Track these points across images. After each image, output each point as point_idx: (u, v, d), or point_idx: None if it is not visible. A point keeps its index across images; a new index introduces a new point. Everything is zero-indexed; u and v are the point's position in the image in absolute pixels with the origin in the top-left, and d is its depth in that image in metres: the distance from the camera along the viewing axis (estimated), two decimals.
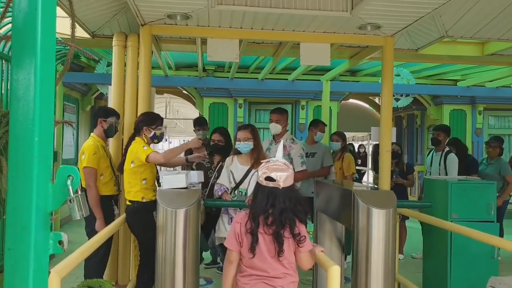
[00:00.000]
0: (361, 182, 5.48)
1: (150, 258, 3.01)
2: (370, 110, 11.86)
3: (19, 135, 0.73)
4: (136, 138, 3.22)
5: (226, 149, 3.99)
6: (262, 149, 3.36)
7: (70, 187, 0.70)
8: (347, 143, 8.71)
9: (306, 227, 2.08)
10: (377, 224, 2.40)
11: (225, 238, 2.60)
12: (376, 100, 11.15)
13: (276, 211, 1.96)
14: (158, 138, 3.32)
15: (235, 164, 3.31)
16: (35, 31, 0.77)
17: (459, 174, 4.92)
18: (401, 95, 7.20)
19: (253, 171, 3.19)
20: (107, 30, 4.18)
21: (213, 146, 4.06)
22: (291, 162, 3.79)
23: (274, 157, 2.11)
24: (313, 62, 4.38)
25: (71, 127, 3.13)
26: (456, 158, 4.90)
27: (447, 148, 5.01)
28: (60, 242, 0.72)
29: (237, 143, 3.27)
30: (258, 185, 2.05)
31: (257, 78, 7.37)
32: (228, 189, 3.29)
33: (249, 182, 3.19)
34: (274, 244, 1.96)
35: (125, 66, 3.99)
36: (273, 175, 1.99)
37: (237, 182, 3.26)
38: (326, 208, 3.21)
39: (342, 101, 9.28)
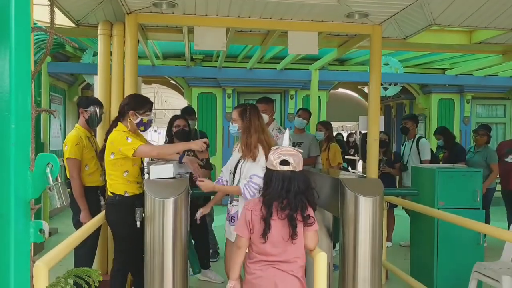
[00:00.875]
0: (349, 171, 5.51)
1: (125, 261, 2.92)
2: (359, 99, 11.91)
3: None
4: (119, 124, 2.85)
5: (189, 135, 3.99)
6: (256, 134, 2.70)
7: (50, 175, 0.69)
8: (337, 132, 8.81)
9: (314, 210, 2.10)
10: (364, 212, 2.42)
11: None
12: (365, 89, 11.19)
13: (291, 195, 1.99)
14: (145, 126, 2.90)
15: (235, 150, 2.88)
16: (8, 16, 0.74)
17: (447, 162, 5.00)
18: (390, 84, 7.23)
19: (242, 160, 2.71)
20: (92, 18, 4.09)
21: (177, 132, 3.96)
22: None
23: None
24: (301, 51, 4.36)
25: (53, 116, 3.05)
26: (428, 143, 5.20)
27: (418, 135, 5.24)
28: (41, 231, 0.71)
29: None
30: (270, 171, 2.05)
31: (246, 68, 7.32)
32: (227, 182, 2.86)
33: (239, 173, 2.73)
34: (288, 228, 1.99)
35: (111, 55, 3.93)
36: (288, 158, 2.01)
37: (231, 171, 2.85)
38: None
39: (331, 91, 9.29)
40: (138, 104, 2.89)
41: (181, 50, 6.75)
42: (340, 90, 11.24)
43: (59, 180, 0.73)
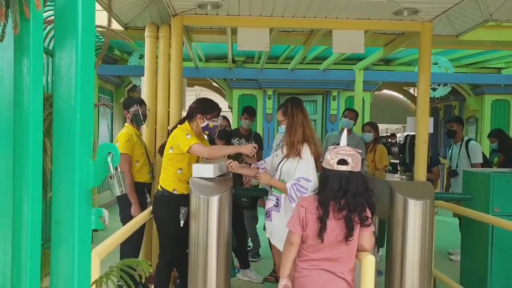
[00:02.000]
0: (395, 173, 5.30)
1: (169, 256, 2.96)
2: (404, 101, 11.51)
3: (61, 113, 0.74)
4: (185, 123, 2.97)
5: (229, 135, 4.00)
6: (301, 129, 2.63)
7: (111, 164, 0.70)
8: (382, 135, 8.56)
9: (373, 212, 2.05)
10: (414, 215, 2.31)
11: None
12: (411, 90, 10.80)
13: (350, 196, 1.95)
14: (210, 130, 2.98)
15: (279, 150, 2.86)
16: (76, 11, 0.77)
17: (502, 167, 4.70)
18: (438, 85, 6.91)
19: (284, 159, 2.70)
20: (139, 21, 4.23)
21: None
22: None
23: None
24: (346, 50, 4.27)
25: (109, 108, 3.18)
26: (479, 145, 4.83)
27: (466, 137, 4.93)
28: (102, 218, 0.73)
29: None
30: (327, 171, 2.02)
31: (287, 69, 7.29)
32: (265, 169, 2.84)
33: (279, 172, 2.71)
34: (343, 228, 1.95)
35: (157, 58, 4.04)
36: (346, 158, 1.97)
37: (275, 168, 2.79)
38: None
39: (375, 92, 9.05)
40: (207, 108, 2.98)
41: (223, 52, 6.83)
42: (385, 91, 10.93)
43: (119, 169, 0.75)
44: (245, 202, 4.44)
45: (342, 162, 1.97)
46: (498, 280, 3.34)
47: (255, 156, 2.98)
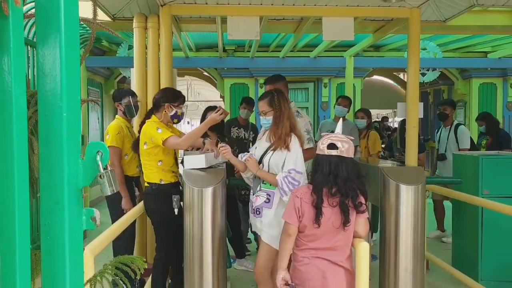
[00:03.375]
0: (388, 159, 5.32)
1: (166, 249, 2.95)
2: (394, 86, 11.54)
3: (47, 112, 0.73)
4: (152, 116, 2.96)
5: (221, 126, 3.83)
6: (288, 121, 2.51)
7: (100, 163, 0.70)
8: (374, 121, 8.58)
9: (366, 199, 2.08)
10: (406, 200, 2.34)
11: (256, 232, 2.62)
12: (401, 76, 10.83)
13: (340, 181, 1.97)
14: (178, 118, 2.99)
15: (263, 139, 2.67)
16: (58, 4, 0.75)
17: (490, 149, 4.76)
18: (427, 70, 6.94)
19: (270, 151, 2.52)
20: (127, 12, 4.16)
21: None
22: None
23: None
24: (336, 37, 4.26)
25: (97, 103, 3.14)
26: (467, 130, 4.86)
27: (456, 122, 4.94)
28: (93, 218, 0.73)
29: (260, 117, 2.64)
30: (318, 156, 2.05)
31: (278, 57, 7.25)
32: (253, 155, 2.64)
33: (267, 165, 2.54)
34: (339, 215, 1.98)
35: (146, 48, 3.99)
36: (336, 143, 2.00)
37: (258, 160, 2.61)
38: None
39: (366, 78, 9.06)
40: (173, 96, 2.98)
41: (213, 41, 6.77)
42: (375, 77, 10.95)
43: (109, 168, 0.75)
44: (245, 195, 4.28)
45: (332, 146, 2.00)
46: (489, 260, 3.41)
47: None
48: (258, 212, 2.55)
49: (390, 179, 2.37)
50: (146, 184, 2.99)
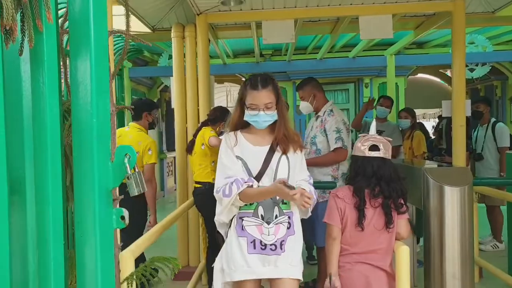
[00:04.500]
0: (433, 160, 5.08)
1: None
2: (441, 84, 11.05)
3: (79, 118, 0.77)
4: (209, 125, 3.39)
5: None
6: (288, 116, 2.02)
7: (128, 165, 0.73)
8: (419, 121, 8.26)
9: (406, 200, 2.03)
10: (451, 203, 2.22)
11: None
12: (448, 73, 10.34)
13: (384, 182, 1.95)
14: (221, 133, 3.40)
15: (244, 145, 1.94)
16: (88, 22, 0.80)
17: None
18: (476, 65, 6.57)
19: (277, 153, 1.91)
20: (166, 23, 4.31)
21: None
22: (326, 138, 3.08)
23: None
24: (374, 35, 4.14)
25: (130, 111, 3.27)
26: (506, 127, 4.51)
27: (493, 119, 4.61)
28: (122, 218, 0.76)
29: (250, 113, 1.90)
30: (358, 158, 2.02)
31: (316, 58, 7.18)
32: (251, 182, 1.88)
33: (275, 172, 1.89)
34: (381, 216, 1.94)
35: (184, 57, 4.10)
36: (378, 144, 1.98)
37: (254, 174, 1.90)
38: None
39: (410, 76, 8.75)
40: (224, 117, 3.41)
41: (250, 47, 6.82)
42: (420, 75, 10.54)
43: (137, 170, 0.77)
44: None
45: (374, 148, 1.97)
46: None
47: None
48: (281, 246, 1.86)
49: (433, 180, 2.26)
50: (197, 185, 3.34)
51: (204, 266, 3.46)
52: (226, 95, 13.10)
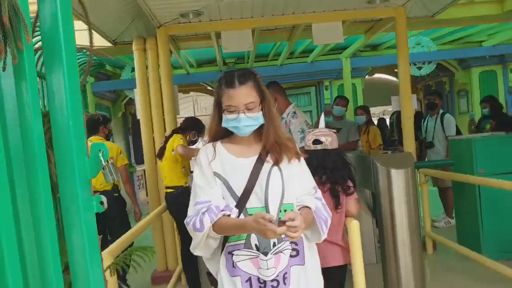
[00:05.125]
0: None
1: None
2: (397, 82, 11.64)
3: (57, 122, 0.93)
4: (180, 133, 3.62)
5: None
6: (278, 119, 1.62)
7: (102, 158, 0.89)
8: (379, 118, 8.68)
9: (354, 184, 2.24)
10: (397, 184, 2.51)
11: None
12: None
13: (328, 171, 2.16)
14: (193, 143, 3.75)
15: (224, 158, 1.54)
16: (59, 39, 0.96)
17: (493, 131, 4.81)
18: (424, 63, 7.07)
19: (267, 165, 1.50)
20: (127, 36, 4.42)
21: None
22: None
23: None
24: (326, 41, 4.44)
25: (98, 118, 3.65)
26: (453, 118, 4.98)
27: (441, 111, 5.04)
28: (101, 203, 0.92)
29: (228, 116, 1.50)
30: (307, 151, 2.17)
31: (277, 65, 7.46)
32: (229, 210, 1.47)
33: (265, 189, 1.48)
34: (330, 199, 2.15)
35: (147, 69, 4.22)
36: (320, 138, 2.19)
37: (239, 193, 1.49)
38: None
39: (367, 77, 9.21)
40: (200, 128, 3.75)
41: (213, 56, 7.01)
42: (377, 75, 11.07)
43: (110, 162, 0.93)
44: None
45: (317, 142, 2.19)
46: (489, 234, 3.57)
47: None
48: (285, 280, 1.48)
49: (380, 165, 2.54)
50: (168, 190, 3.51)
51: (181, 268, 3.58)
52: (192, 105, 13.19)
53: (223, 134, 1.56)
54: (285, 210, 1.45)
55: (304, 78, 8.02)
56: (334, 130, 2.25)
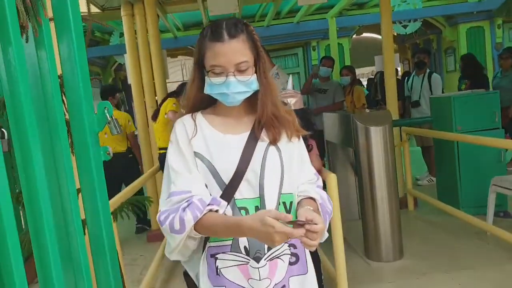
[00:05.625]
0: None
1: None
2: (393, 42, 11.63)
3: (70, 85, 1.10)
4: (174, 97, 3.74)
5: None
6: (276, 85, 1.25)
7: (107, 114, 1.07)
8: (369, 77, 8.79)
9: (317, 142, 2.35)
10: (376, 140, 2.69)
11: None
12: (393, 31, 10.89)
13: None
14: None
15: (208, 135, 1.18)
16: (67, 13, 1.11)
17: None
18: (409, 21, 7.13)
19: (261, 144, 1.17)
20: (115, 1, 4.43)
21: None
22: None
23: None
24: (310, 1, 4.50)
25: (99, 81, 4.00)
26: (440, 78, 4.97)
27: (428, 70, 5.02)
28: (108, 152, 1.11)
29: (213, 80, 1.14)
30: None
31: (263, 26, 7.47)
32: (216, 204, 1.10)
33: (259, 174, 1.14)
34: None
35: (135, 34, 4.28)
36: (286, 100, 2.29)
37: (226, 181, 1.14)
38: (334, 136, 3.51)
39: (355, 36, 9.23)
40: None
41: (200, 19, 6.99)
42: (365, 34, 11.06)
43: (114, 118, 1.11)
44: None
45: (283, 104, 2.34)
46: (467, 189, 3.77)
47: None
48: None
49: (359, 123, 2.72)
50: (161, 151, 3.73)
51: None
52: (181, 69, 13.15)
53: (204, 104, 1.21)
54: (283, 202, 1.15)
55: (291, 39, 8.05)
56: (297, 91, 2.35)
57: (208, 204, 1.07)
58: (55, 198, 1.02)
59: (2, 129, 0.98)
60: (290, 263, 1.17)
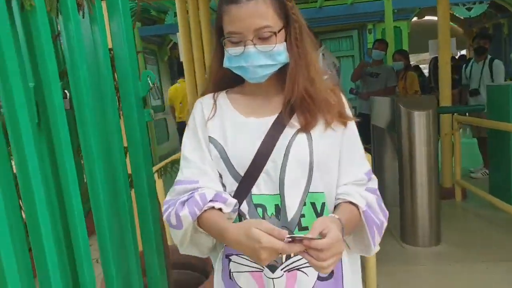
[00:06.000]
0: None
1: None
2: (450, 26, 10.96)
3: (119, 56, 1.26)
4: None
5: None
6: (315, 56, 1.01)
7: (150, 82, 1.22)
8: (415, 65, 8.36)
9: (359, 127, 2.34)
10: (418, 126, 2.65)
11: None
12: (455, 12, 10.21)
13: None
14: None
15: (227, 116, 1.00)
16: None
17: None
18: (474, 3, 6.66)
19: (289, 130, 0.95)
20: None
21: None
22: None
23: None
24: None
25: (155, 60, 4.28)
26: (502, 64, 4.60)
27: (489, 56, 4.64)
28: (151, 115, 1.28)
29: (230, 50, 0.94)
30: None
31: (315, 7, 7.33)
32: (221, 201, 0.92)
33: (281, 168, 0.93)
34: None
35: (188, 13, 4.42)
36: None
37: (241, 172, 0.95)
38: (380, 120, 3.47)
39: (415, 20, 8.79)
40: None
41: None
42: (427, 18, 10.48)
43: (156, 85, 1.27)
44: None
45: None
46: None
47: None
48: None
49: (402, 107, 2.68)
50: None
51: None
52: None
53: (231, 80, 1.03)
54: (312, 203, 0.94)
55: (345, 21, 7.82)
56: (330, 72, 2.32)
57: (210, 201, 0.91)
58: (106, 154, 1.18)
59: (65, 91, 1.14)
60: (320, 279, 0.94)
